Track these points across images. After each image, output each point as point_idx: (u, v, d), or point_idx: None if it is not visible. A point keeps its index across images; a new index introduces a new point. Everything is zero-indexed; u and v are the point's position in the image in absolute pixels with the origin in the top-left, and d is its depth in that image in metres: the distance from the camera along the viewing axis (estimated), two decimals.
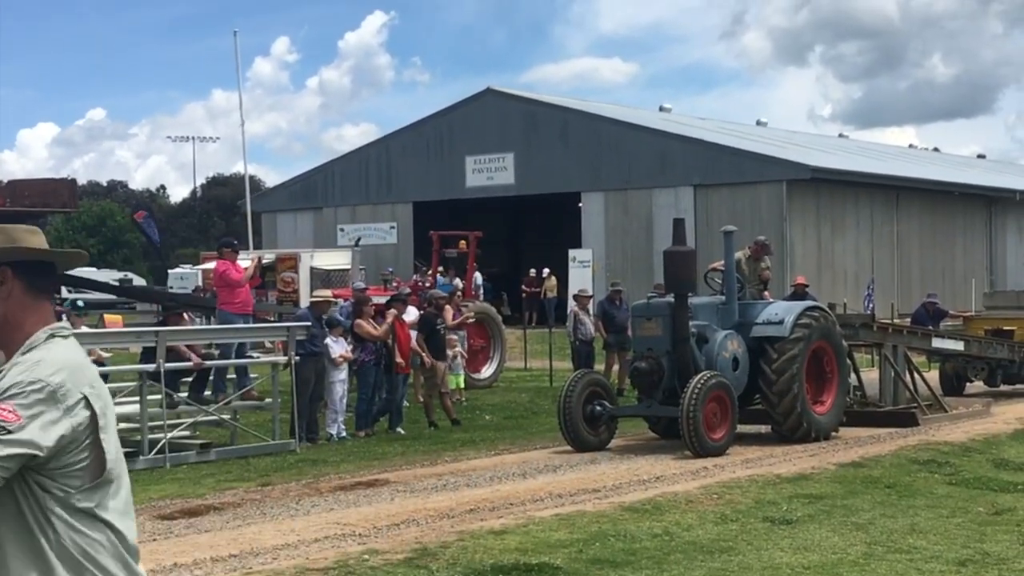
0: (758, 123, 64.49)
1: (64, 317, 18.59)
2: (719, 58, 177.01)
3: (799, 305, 19.25)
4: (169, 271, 55.15)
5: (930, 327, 25.58)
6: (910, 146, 79.64)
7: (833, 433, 18.51)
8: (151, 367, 16.71)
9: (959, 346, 24.49)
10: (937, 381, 25.05)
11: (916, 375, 22.21)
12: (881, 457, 16.48)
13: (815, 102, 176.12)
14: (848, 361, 19.69)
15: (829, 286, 40.15)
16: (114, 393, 17.56)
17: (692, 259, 18.45)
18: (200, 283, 42.12)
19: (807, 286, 26.92)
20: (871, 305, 35.63)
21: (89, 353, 16.29)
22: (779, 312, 18.60)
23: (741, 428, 18.30)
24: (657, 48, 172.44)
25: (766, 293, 21.33)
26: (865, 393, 21.50)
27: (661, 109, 59.00)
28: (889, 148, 72.03)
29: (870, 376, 22.58)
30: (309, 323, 19.01)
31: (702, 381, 16.66)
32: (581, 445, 17.43)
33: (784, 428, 18.00)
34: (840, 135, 75.54)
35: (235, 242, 20.38)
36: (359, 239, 43.57)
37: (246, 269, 19.83)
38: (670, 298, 17.97)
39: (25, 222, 17.89)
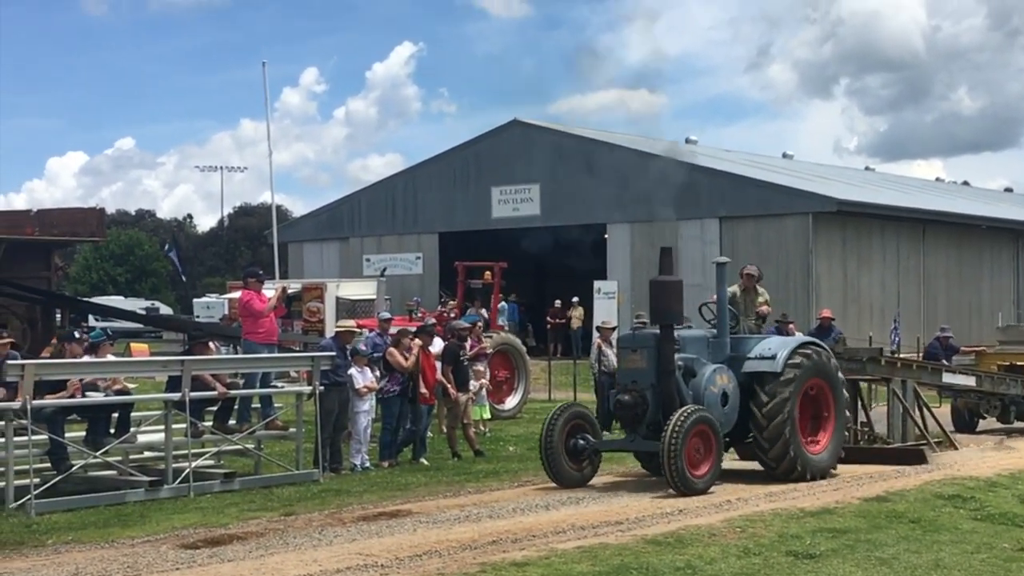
0: (784, 155, 64.47)
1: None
2: (745, 90, 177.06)
3: (793, 340, 18.70)
4: (195, 300, 55.35)
5: (943, 362, 25.27)
6: (937, 179, 79.45)
7: (831, 471, 18.00)
8: (176, 396, 16.77)
9: (971, 382, 23.90)
10: (949, 417, 24.89)
11: (926, 411, 21.84)
12: (906, 492, 16.39)
13: (841, 135, 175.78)
14: (846, 397, 19.07)
15: (855, 319, 40.04)
16: (139, 421, 17.68)
17: (679, 289, 17.67)
18: (227, 312, 42.33)
19: (833, 319, 26.89)
20: (897, 339, 35.55)
21: (114, 382, 16.51)
22: (772, 347, 17.91)
23: (740, 464, 18.30)
24: (683, 80, 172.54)
25: (790, 326, 21.09)
26: (873, 429, 21.09)
27: (687, 141, 59.02)
28: (915, 181, 71.89)
29: (880, 411, 22.29)
30: (333, 353, 19.05)
31: (684, 415, 16.15)
32: (563, 481, 16.98)
33: (777, 471, 17.43)
34: (866, 168, 75.43)
35: (260, 272, 20.44)
36: (385, 269, 43.65)
37: (269, 299, 19.90)
38: (656, 329, 17.41)
39: (54, 251, 18.04)
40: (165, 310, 67.40)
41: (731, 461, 18.62)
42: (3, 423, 15.34)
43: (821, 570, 11.45)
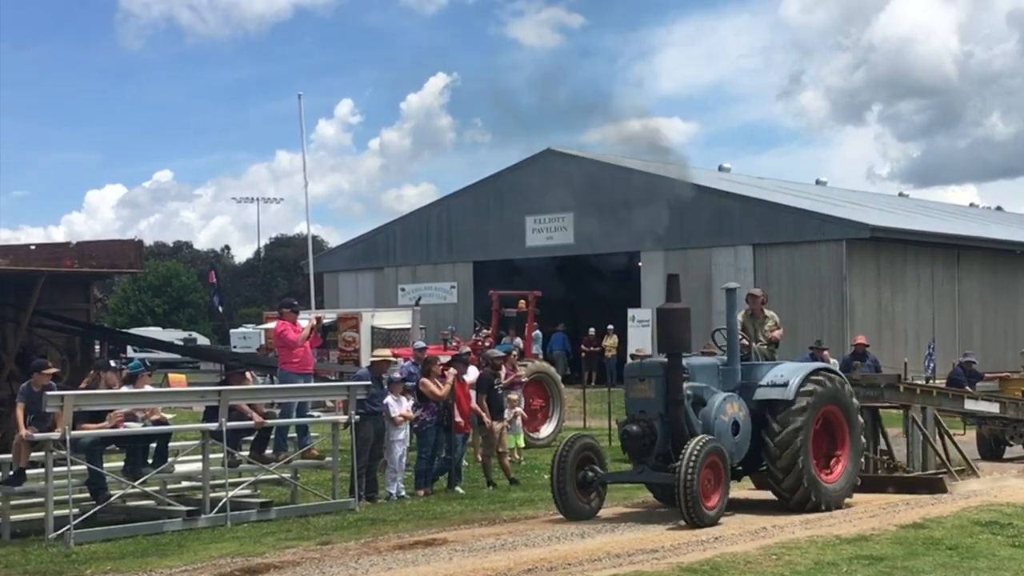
0: (817, 182, 64.35)
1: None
2: (777, 118, 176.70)
3: (806, 367, 18.18)
4: (232, 330, 55.61)
5: (967, 388, 24.84)
6: (971, 204, 79.12)
7: (847, 500, 17.70)
8: (214, 426, 16.91)
9: (994, 408, 23.37)
10: (975, 445, 24.60)
11: (947, 438, 21.42)
12: (943, 518, 16.32)
13: (874, 161, 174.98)
14: (862, 424, 18.59)
15: (889, 346, 39.87)
16: (177, 451, 17.81)
17: (686, 317, 17.38)
18: (263, 342, 42.54)
19: (867, 346, 26.80)
20: (932, 365, 35.37)
21: (152, 412, 16.65)
22: (784, 374, 17.52)
23: (753, 493, 18.21)
24: (716, 108, 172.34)
25: (824, 353, 20.92)
26: (893, 457, 20.54)
27: (720, 169, 59.04)
28: (949, 207, 71.57)
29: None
30: (369, 382, 19.15)
31: (699, 446, 15.88)
32: (572, 513, 16.74)
33: (791, 502, 17.10)
34: (900, 194, 75.17)
35: (295, 303, 20.56)
36: (419, 298, 43.78)
37: (303, 329, 20.03)
38: (663, 358, 17.12)
39: (92, 283, 18.15)
40: (203, 341, 67.73)
41: (748, 491, 18.60)
42: (43, 454, 15.49)
43: None
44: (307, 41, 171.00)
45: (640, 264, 46.31)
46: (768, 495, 17.93)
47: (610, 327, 45.04)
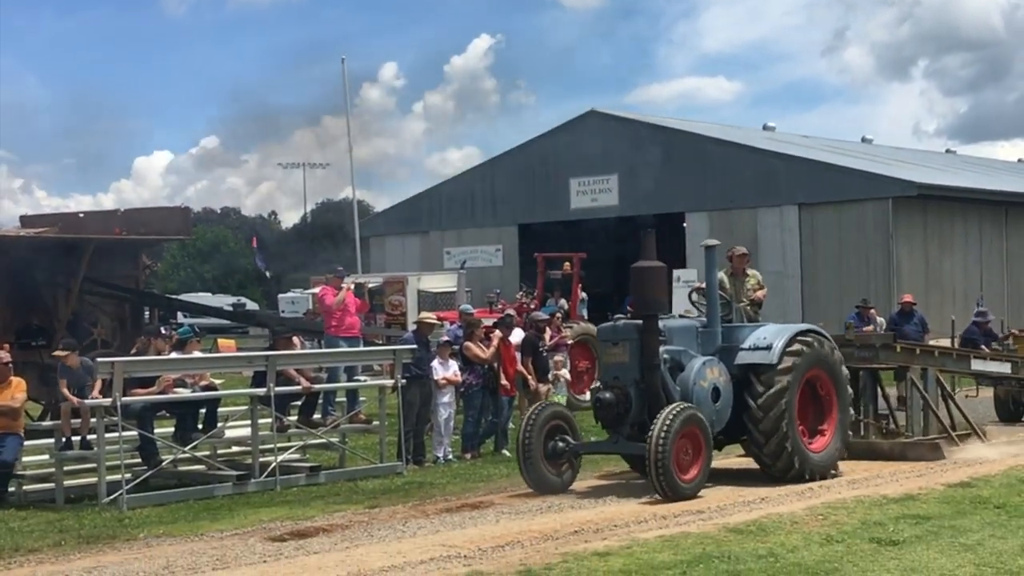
0: (863, 140, 63.91)
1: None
2: (822, 75, 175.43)
3: (790, 328, 16.89)
4: (280, 296, 55.95)
5: (981, 347, 23.59)
6: (1020, 160, 78.29)
7: (832, 472, 16.65)
8: (262, 391, 17.06)
9: (1005, 368, 21.81)
10: (992, 406, 23.63)
11: (950, 402, 20.19)
12: (991, 477, 16.29)
13: (920, 117, 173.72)
14: (850, 391, 17.41)
15: (937, 304, 39.61)
16: (226, 417, 18.00)
17: (662, 276, 16.27)
18: (310, 307, 42.80)
19: (914, 304, 26.65)
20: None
21: (201, 378, 16.85)
22: (767, 336, 16.41)
23: (736, 463, 17.58)
24: (761, 66, 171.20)
25: (871, 312, 20.30)
26: (895, 422, 19.41)
27: (765, 128, 58.76)
28: (997, 163, 70.93)
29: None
30: (415, 346, 19.25)
31: (672, 414, 14.84)
32: (542, 486, 15.70)
33: (774, 469, 16.13)
34: (947, 150, 74.54)
35: (339, 268, 20.77)
36: (465, 262, 43.95)
37: (339, 294, 20.24)
38: (639, 320, 15.97)
39: (141, 250, 18.37)
40: (251, 306, 68.17)
41: (738, 459, 17.98)
42: (95, 420, 15.70)
43: (905, 557, 11.42)
44: (349, 4, 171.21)
45: (685, 225, 46.20)
46: (743, 464, 17.38)
47: None
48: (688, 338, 16.50)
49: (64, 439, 16.15)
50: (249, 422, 17.35)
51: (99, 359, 16.48)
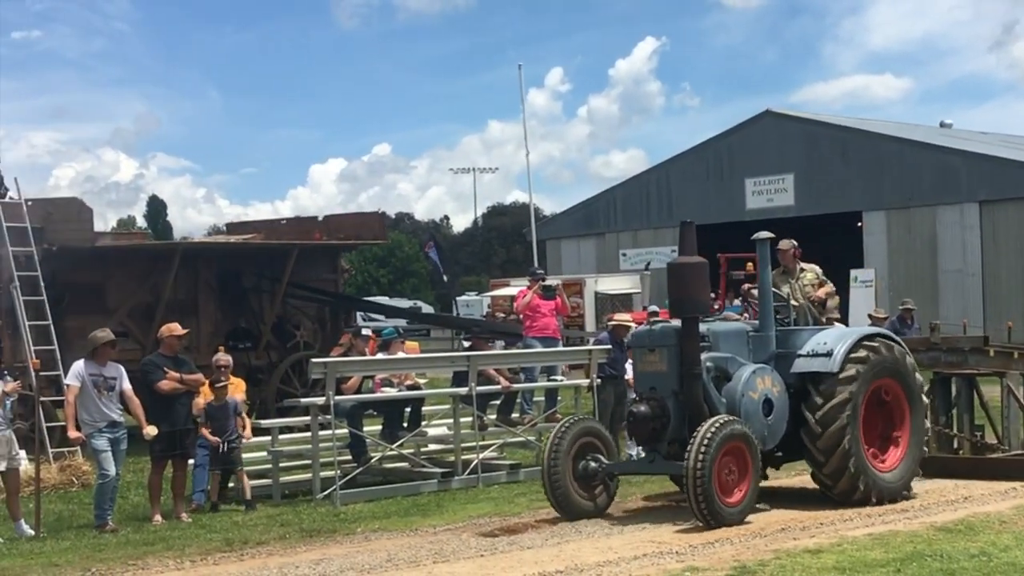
0: None
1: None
2: (991, 70, 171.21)
3: (854, 332, 15.28)
4: (456, 298, 56.87)
5: None
6: None
7: (904, 494, 14.94)
8: (463, 390, 17.57)
9: None
10: None
11: None
12: None
13: None
14: (925, 402, 15.73)
15: None
16: (430, 416, 18.56)
17: (703, 272, 14.40)
18: (487, 310, 43.42)
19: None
20: None
21: (405, 377, 17.39)
22: (828, 341, 14.74)
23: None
24: (928, 62, 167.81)
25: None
26: (997, 435, 17.86)
27: (942, 125, 57.78)
28: None
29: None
30: (609, 346, 19.58)
31: (712, 429, 13.26)
32: (572, 512, 14.15)
33: (835, 491, 14.50)
34: None
35: (538, 271, 21.28)
36: (648, 263, 44.11)
37: (525, 296, 20.96)
38: (677, 323, 14.30)
39: (340, 254, 19.13)
40: (426, 309, 69.30)
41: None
42: (309, 418, 16.35)
43: None
44: (514, 11, 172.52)
45: (861, 224, 45.74)
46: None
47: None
48: (737, 344, 14.79)
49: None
50: (450, 421, 17.87)
51: (312, 360, 17.13)
